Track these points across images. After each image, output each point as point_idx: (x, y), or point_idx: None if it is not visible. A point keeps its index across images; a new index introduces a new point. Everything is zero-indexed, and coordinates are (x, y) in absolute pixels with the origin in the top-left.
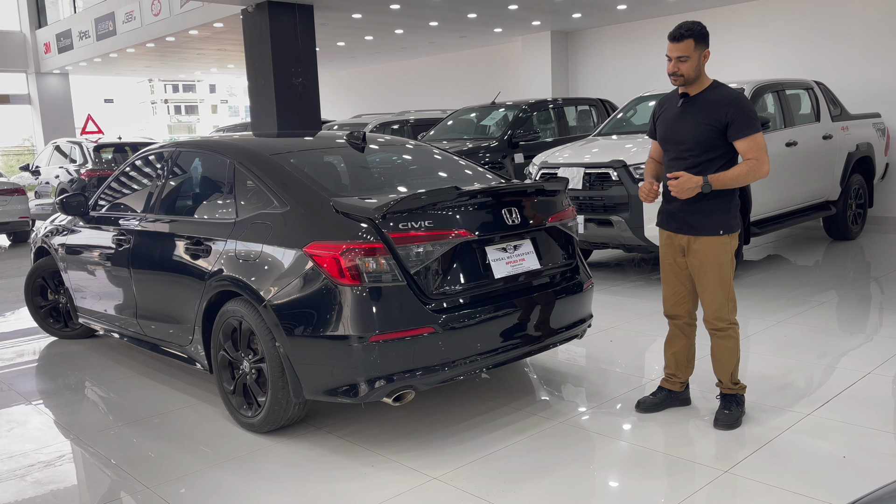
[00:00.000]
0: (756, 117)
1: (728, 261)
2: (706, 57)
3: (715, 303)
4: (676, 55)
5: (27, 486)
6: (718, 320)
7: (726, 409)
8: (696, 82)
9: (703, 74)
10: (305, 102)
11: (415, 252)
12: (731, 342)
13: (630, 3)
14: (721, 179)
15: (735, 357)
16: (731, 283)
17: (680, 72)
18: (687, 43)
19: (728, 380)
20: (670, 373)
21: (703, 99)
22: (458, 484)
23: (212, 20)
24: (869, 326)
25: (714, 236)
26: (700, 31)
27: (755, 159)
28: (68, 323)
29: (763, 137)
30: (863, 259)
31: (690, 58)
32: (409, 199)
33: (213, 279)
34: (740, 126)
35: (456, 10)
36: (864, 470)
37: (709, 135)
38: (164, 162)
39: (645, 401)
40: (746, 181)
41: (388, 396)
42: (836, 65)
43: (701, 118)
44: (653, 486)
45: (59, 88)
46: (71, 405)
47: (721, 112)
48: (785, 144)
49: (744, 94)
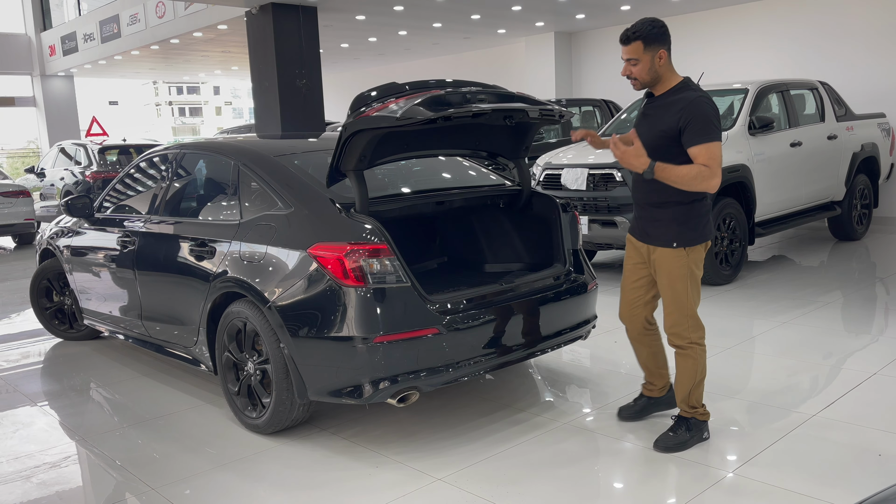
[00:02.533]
0: (714, 125)
1: (683, 276)
2: (662, 57)
3: (670, 318)
4: (626, 57)
5: (33, 488)
6: (675, 336)
7: (671, 431)
8: (661, 83)
9: (668, 75)
10: (309, 104)
11: None
12: (689, 361)
13: (634, 3)
14: (667, 171)
15: (692, 379)
16: (688, 301)
17: (633, 75)
18: (635, 45)
19: (683, 401)
20: (647, 380)
21: (663, 101)
22: (462, 485)
23: (216, 22)
24: (874, 327)
25: (667, 248)
26: (650, 31)
27: (707, 166)
28: (73, 324)
29: (720, 149)
30: (868, 259)
31: (641, 60)
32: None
33: (217, 280)
34: (694, 133)
35: (459, 12)
36: (871, 470)
37: (661, 142)
38: (169, 164)
39: (626, 408)
40: (692, 185)
41: (393, 397)
42: (841, 65)
43: (656, 123)
44: (658, 488)
45: (63, 91)
46: (76, 406)
47: (675, 117)
48: (790, 145)
49: (705, 99)
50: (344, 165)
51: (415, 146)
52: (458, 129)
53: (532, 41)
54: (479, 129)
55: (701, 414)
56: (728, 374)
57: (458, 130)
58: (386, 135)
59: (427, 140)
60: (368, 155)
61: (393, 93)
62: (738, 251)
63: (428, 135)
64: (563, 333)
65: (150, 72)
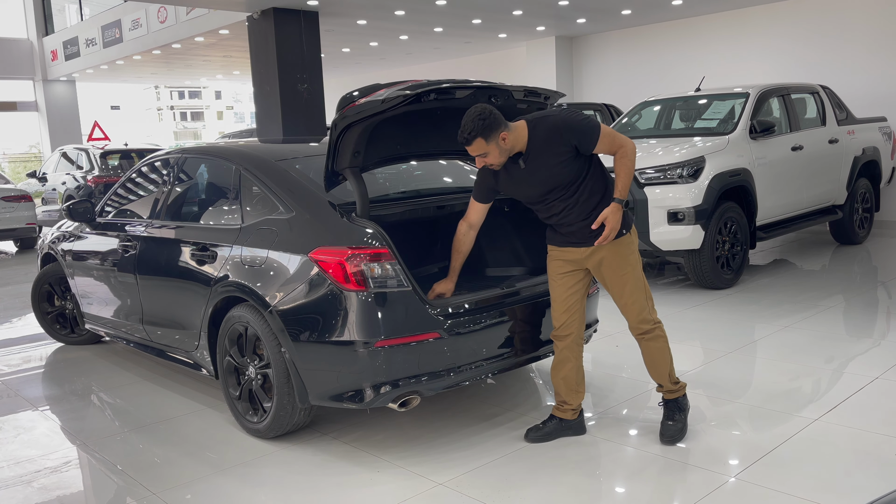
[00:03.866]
0: (586, 120)
1: (636, 259)
2: (505, 139)
3: (636, 305)
4: (475, 154)
5: (33, 492)
6: (643, 322)
7: (669, 420)
8: (517, 146)
9: (518, 136)
10: (311, 108)
11: None
12: (660, 342)
13: (635, 8)
14: (623, 188)
15: (668, 356)
16: (645, 281)
17: (491, 165)
18: (477, 143)
19: (667, 381)
20: (561, 400)
21: (536, 145)
22: (463, 490)
23: (217, 27)
24: (876, 331)
25: (621, 237)
26: (482, 125)
27: (619, 150)
28: (75, 329)
29: (605, 127)
30: (870, 263)
31: (490, 152)
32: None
33: (218, 285)
34: (584, 140)
35: (461, 16)
36: (872, 475)
37: (570, 165)
38: (170, 168)
39: (535, 429)
40: (633, 168)
41: (394, 402)
42: (842, 69)
43: (551, 160)
44: (660, 492)
45: (65, 95)
46: (77, 411)
47: (559, 142)
48: (791, 149)
49: (559, 112)
50: (339, 164)
51: (407, 144)
52: (448, 125)
53: (533, 45)
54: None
55: (681, 388)
56: (730, 378)
57: (448, 126)
58: (376, 129)
59: (418, 138)
60: (362, 151)
61: (376, 89)
62: (739, 255)
63: (418, 132)
64: None
65: (151, 76)
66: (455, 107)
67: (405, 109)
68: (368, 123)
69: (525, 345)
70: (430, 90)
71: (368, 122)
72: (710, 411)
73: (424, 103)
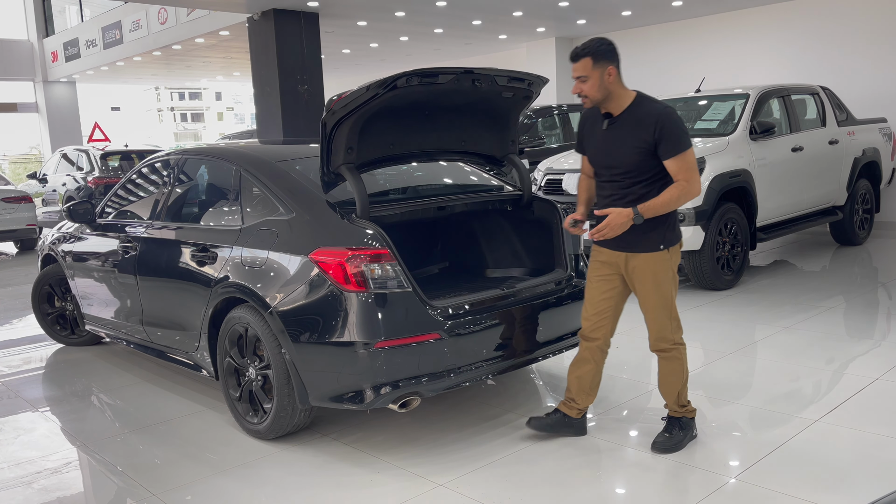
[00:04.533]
0: (684, 133)
1: (668, 278)
2: (611, 74)
3: (656, 322)
4: (576, 76)
5: (34, 494)
6: (661, 340)
7: (666, 432)
8: (613, 101)
9: (620, 92)
10: (311, 110)
11: None
12: (676, 364)
13: (635, 9)
14: (652, 207)
15: (680, 379)
16: (672, 302)
17: (583, 92)
18: (584, 62)
19: (673, 402)
20: (570, 397)
21: (628, 118)
22: (463, 491)
23: (218, 28)
24: (877, 332)
25: (654, 252)
26: (598, 48)
27: (685, 180)
28: (75, 330)
29: (693, 155)
30: (870, 264)
31: (590, 77)
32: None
33: (219, 286)
34: (668, 145)
35: (461, 17)
36: (873, 476)
37: (640, 157)
38: (171, 169)
39: (538, 418)
40: (678, 205)
41: (394, 403)
42: (842, 70)
43: (629, 140)
44: (660, 494)
45: (66, 97)
46: (77, 412)
47: (649, 131)
48: (791, 150)
49: (670, 110)
50: (333, 163)
51: (400, 142)
52: (438, 121)
53: (533, 47)
54: (458, 118)
55: (689, 412)
56: (730, 379)
57: (438, 122)
58: (367, 126)
59: (411, 136)
60: (355, 146)
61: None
62: (739, 256)
63: (411, 129)
64: (564, 339)
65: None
66: (445, 104)
67: (393, 101)
68: (358, 117)
69: (525, 346)
70: (412, 74)
71: (357, 116)
72: (711, 412)
73: (411, 94)
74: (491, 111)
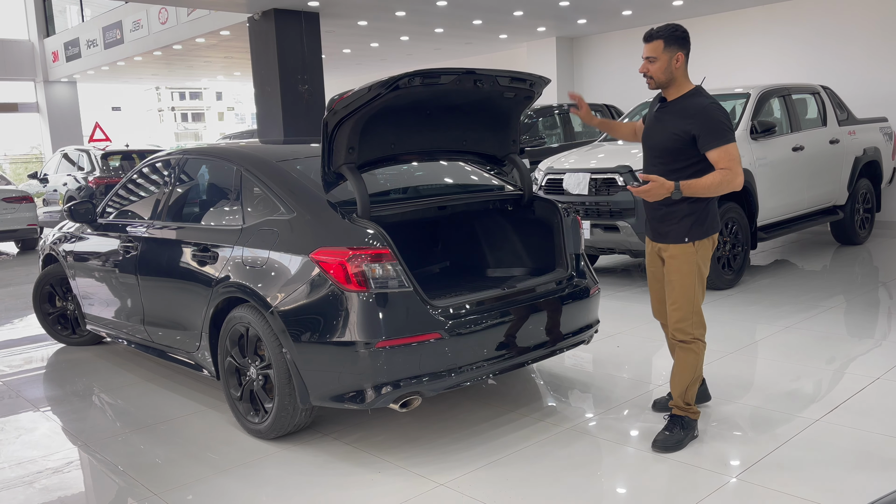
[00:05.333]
0: (727, 128)
1: (692, 271)
2: (679, 60)
3: (677, 313)
4: (645, 55)
5: (35, 493)
6: (679, 331)
7: (667, 430)
8: (674, 87)
9: (682, 80)
10: (312, 109)
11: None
12: (691, 356)
13: (635, 8)
14: (693, 187)
15: (691, 374)
16: (695, 296)
17: (649, 73)
18: (656, 44)
19: (679, 397)
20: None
21: (676, 106)
22: (465, 490)
23: (218, 28)
24: (877, 331)
25: (680, 244)
26: (672, 33)
27: (728, 169)
28: (76, 330)
29: (737, 149)
30: (871, 264)
31: (659, 59)
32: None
33: (219, 286)
34: (709, 138)
35: (461, 17)
36: (873, 476)
37: (675, 145)
38: (172, 169)
39: (661, 400)
40: (719, 191)
41: (395, 402)
42: (843, 69)
43: (670, 127)
44: (661, 493)
45: (66, 97)
46: (78, 412)
47: (688, 123)
48: (792, 149)
49: (716, 105)
50: (334, 162)
51: (401, 142)
52: (439, 121)
53: (534, 46)
54: (460, 119)
55: (693, 412)
56: (731, 378)
57: (440, 122)
58: (368, 126)
59: (413, 136)
60: (356, 146)
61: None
62: (740, 256)
63: (412, 129)
64: (565, 338)
65: (152, 77)
66: (446, 104)
67: (395, 101)
68: (359, 117)
69: (526, 345)
70: (414, 74)
71: (359, 116)
72: (712, 412)
73: (413, 94)
74: (492, 111)
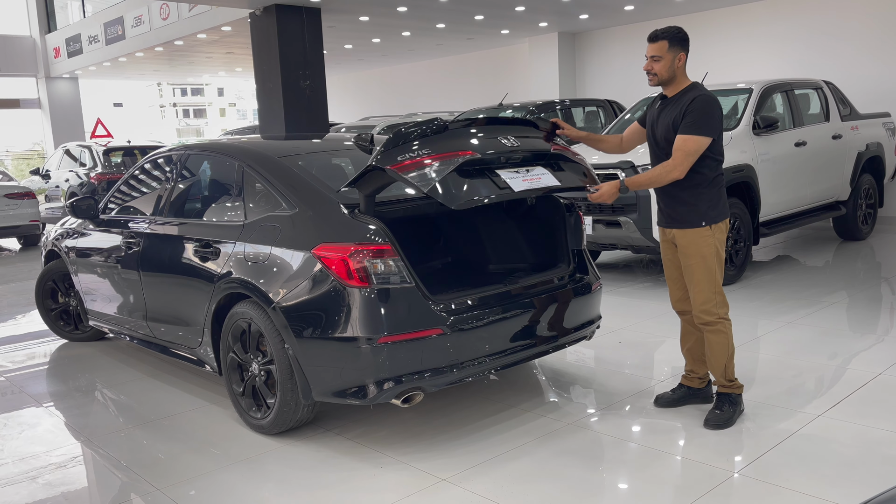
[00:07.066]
0: (707, 123)
1: (712, 253)
2: (681, 59)
3: (701, 295)
4: (650, 54)
5: (38, 488)
6: (705, 313)
7: (717, 408)
8: (673, 84)
9: (681, 78)
10: (313, 105)
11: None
12: (721, 336)
13: (637, 3)
14: (638, 181)
15: (725, 352)
16: (716, 276)
17: (653, 70)
18: (661, 44)
19: (721, 376)
20: (689, 369)
21: (675, 101)
22: (467, 486)
23: (220, 24)
24: (880, 327)
25: (696, 228)
26: (676, 34)
27: (674, 160)
28: (79, 325)
29: (698, 143)
30: (873, 259)
31: (663, 58)
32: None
33: (222, 281)
34: (683, 125)
35: (463, 13)
36: (875, 471)
37: (671, 135)
38: (173, 165)
39: (663, 396)
40: (661, 183)
41: (397, 398)
42: (845, 64)
43: (667, 120)
44: (662, 488)
45: (68, 92)
46: (81, 407)
47: (680, 112)
48: (794, 144)
49: (705, 98)
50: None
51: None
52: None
53: (536, 42)
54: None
55: (737, 387)
56: None
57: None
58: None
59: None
60: (374, 199)
61: (429, 142)
62: (742, 251)
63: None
64: (567, 334)
65: (154, 73)
66: None
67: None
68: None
69: (528, 341)
70: (477, 201)
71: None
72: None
73: None
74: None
